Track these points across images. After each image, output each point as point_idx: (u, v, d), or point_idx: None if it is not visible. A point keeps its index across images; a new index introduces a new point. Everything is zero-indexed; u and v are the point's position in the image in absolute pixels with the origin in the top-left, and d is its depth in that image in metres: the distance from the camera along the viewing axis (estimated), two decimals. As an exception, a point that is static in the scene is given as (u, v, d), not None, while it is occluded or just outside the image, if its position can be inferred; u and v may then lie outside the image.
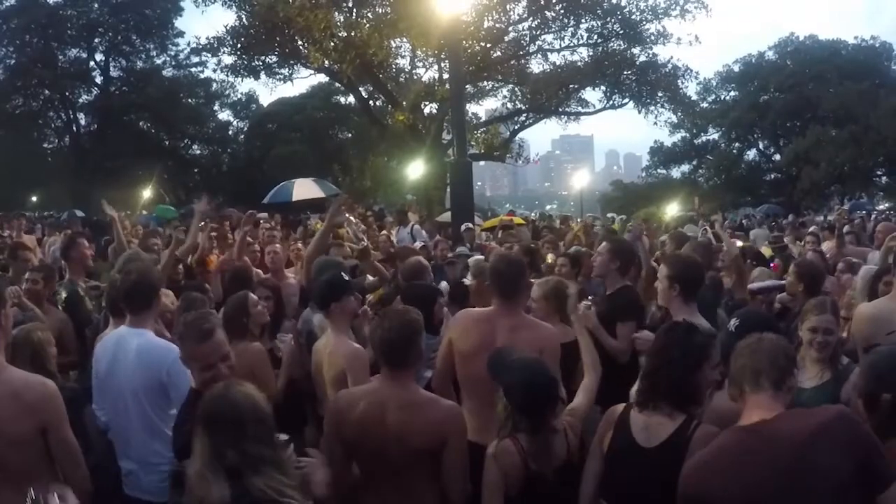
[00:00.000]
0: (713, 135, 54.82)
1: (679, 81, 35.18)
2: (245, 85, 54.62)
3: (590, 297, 5.73)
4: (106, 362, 4.52)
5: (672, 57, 35.69)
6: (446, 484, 3.66)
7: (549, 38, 33.71)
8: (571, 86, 34.51)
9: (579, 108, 37.51)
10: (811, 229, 13.81)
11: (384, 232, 12.89)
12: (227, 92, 48.96)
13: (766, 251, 10.80)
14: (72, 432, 3.58)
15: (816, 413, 2.88)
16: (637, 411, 3.40)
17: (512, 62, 34.02)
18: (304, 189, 20.29)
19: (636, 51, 33.76)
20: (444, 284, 7.12)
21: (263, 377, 4.71)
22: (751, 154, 55.68)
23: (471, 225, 13.45)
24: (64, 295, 6.89)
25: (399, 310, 3.98)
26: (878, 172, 48.43)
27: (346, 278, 5.23)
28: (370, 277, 7.63)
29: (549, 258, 8.35)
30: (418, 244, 11.60)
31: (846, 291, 6.65)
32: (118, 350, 4.44)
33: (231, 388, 2.91)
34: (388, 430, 3.61)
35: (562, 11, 32.09)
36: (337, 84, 39.30)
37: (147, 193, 25.01)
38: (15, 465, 3.40)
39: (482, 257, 8.51)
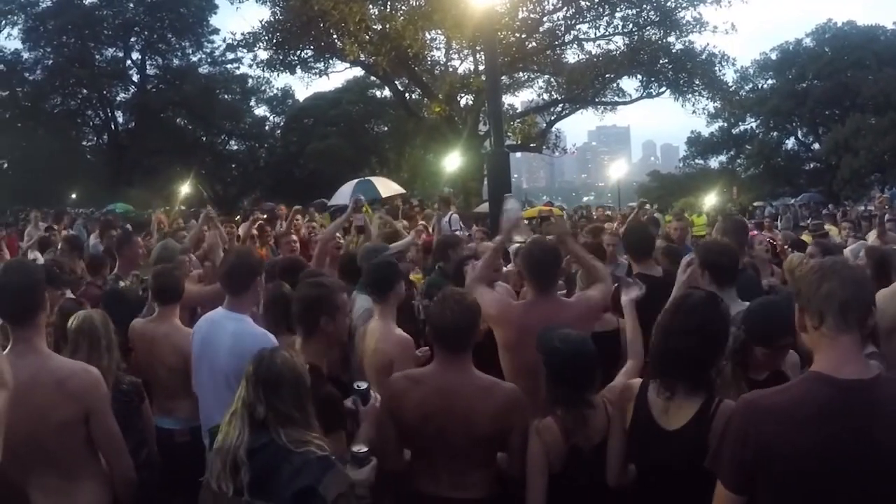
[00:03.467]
0: (751, 124, 54.11)
1: (716, 69, 34.85)
2: (281, 80, 54.90)
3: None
4: (197, 343, 4.55)
5: (708, 45, 35.35)
6: (511, 463, 3.66)
7: (584, 27, 33.73)
8: (607, 75, 34.37)
9: (616, 98, 37.42)
10: (847, 217, 13.74)
11: (422, 223, 12.87)
12: (262, 87, 49.32)
13: (807, 239, 10.71)
14: (114, 421, 3.58)
15: None
16: (654, 391, 3.29)
17: (547, 52, 33.98)
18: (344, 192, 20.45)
19: (672, 39, 33.54)
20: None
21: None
22: (789, 143, 54.86)
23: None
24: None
25: (457, 293, 3.85)
26: (920, 161, 47.48)
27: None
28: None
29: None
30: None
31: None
32: (211, 332, 4.45)
33: (276, 353, 3.05)
34: (454, 415, 3.56)
35: (596, 0, 31.92)
36: (372, 77, 39.52)
37: (185, 189, 25.07)
38: (59, 453, 3.43)
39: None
